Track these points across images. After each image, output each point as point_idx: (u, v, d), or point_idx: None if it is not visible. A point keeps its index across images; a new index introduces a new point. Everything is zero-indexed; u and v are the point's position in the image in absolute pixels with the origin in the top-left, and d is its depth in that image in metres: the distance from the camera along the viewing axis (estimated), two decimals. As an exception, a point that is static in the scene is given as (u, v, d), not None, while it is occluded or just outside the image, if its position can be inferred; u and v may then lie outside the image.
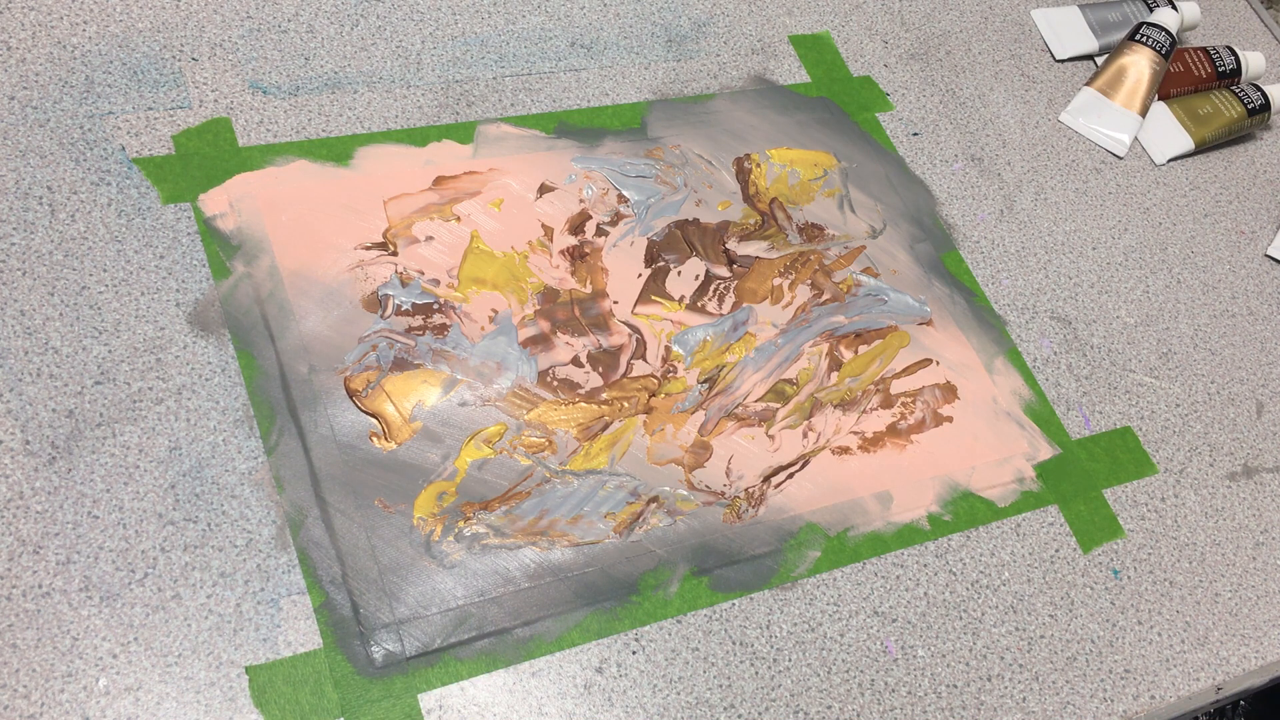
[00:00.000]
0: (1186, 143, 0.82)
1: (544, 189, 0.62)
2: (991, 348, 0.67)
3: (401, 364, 0.54)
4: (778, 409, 0.60)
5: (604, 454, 0.55)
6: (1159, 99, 0.84)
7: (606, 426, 0.56)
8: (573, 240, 0.61)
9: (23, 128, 0.55)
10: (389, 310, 0.56)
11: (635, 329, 0.60)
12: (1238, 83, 0.86)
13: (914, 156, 0.74)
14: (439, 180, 0.60)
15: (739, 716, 0.51)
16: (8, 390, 0.48)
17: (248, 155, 0.58)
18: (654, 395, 0.58)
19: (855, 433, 0.61)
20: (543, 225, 0.61)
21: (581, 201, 0.63)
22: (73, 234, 0.53)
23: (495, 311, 0.58)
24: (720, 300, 0.62)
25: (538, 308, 0.58)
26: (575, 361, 0.57)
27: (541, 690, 0.49)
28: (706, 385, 0.59)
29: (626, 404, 0.57)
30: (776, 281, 0.64)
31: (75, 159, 0.55)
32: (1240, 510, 0.67)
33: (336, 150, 0.60)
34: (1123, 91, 0.81)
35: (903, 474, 0.60)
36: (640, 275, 0.62)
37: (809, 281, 0.65)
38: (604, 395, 0.57)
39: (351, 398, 0.53)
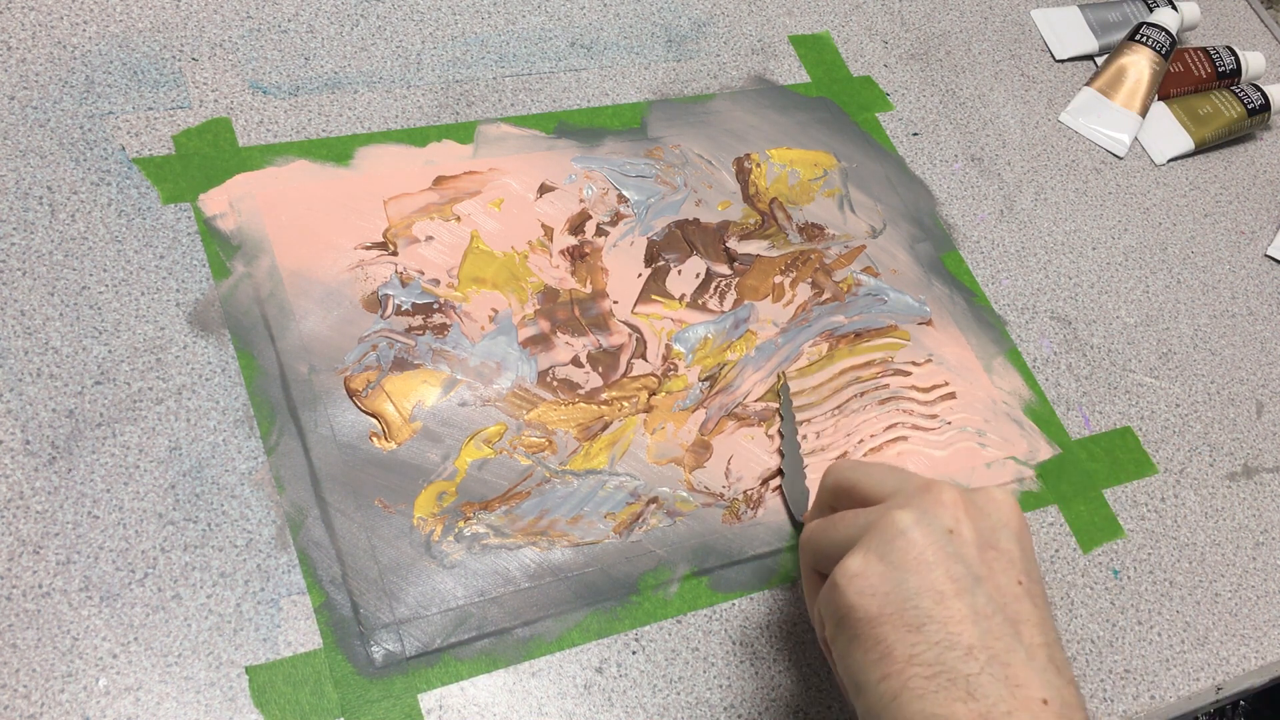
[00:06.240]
0: (1186, 143, 0.82)
1: (544, 189, 0.62)
2: (991, 348, 0.67)
3: (401, 364, 0.54)
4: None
5: (604, 454, 0.55)
6: (1159, 99, 0.84)
7: (606, 426, 0.56)
8: (573, 240, 0.61)
9: (23, 128, 0.55)
10: (389, 310, 0.56)
11: (635, 328, 0.60)
12: (1238, 83, 0.86)
13: (914, 156, 0.74)
14: (439, 180, 0.60)
15: (739, 716, 0.51)
16: (8, 390, 0.48)
17: (248, 155, 0.58)
18: (654, 394, 0.58)
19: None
20: (543, 225, 0.61)
21: (581, 201, 0.63)
22: (73, 234, 0.53)
23: (495, 311, 0.58)
24: (721, 298, 0.62)
25: (538, 308, 0.58)
26: (575, 361, 0.57)
27: (541, 690, 0.49)
28: (707, 383, 0.59)
29: (626, 404, 0.57)
30: (778, 279, 0.64)
31: (75, 159, 0.55)
32: (1240, 510, 0.67)
33: (336, 150, 0.60)
34: (1123, 91, 0.81)
35: (903, 474, 0.60)
36: (640, 275, 0.62)
37: (809, 280, 0.65)
38: (604, 395, 0.57)
39: (351, 398, 0.53)
